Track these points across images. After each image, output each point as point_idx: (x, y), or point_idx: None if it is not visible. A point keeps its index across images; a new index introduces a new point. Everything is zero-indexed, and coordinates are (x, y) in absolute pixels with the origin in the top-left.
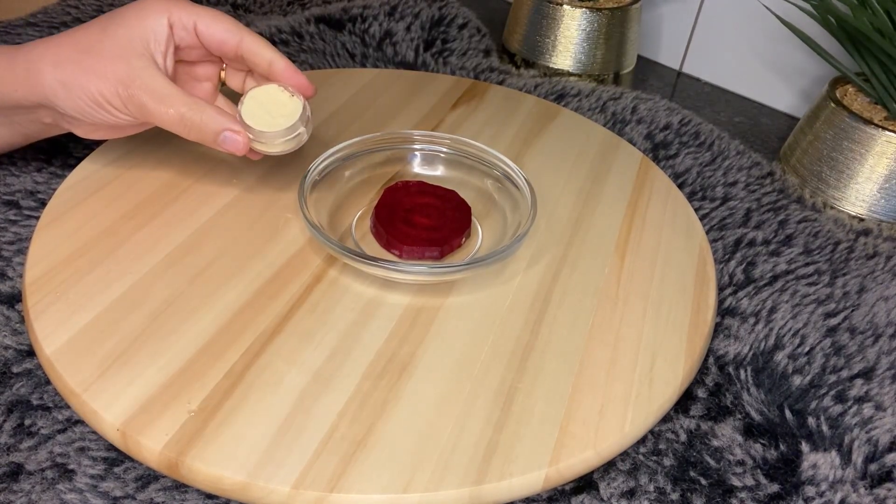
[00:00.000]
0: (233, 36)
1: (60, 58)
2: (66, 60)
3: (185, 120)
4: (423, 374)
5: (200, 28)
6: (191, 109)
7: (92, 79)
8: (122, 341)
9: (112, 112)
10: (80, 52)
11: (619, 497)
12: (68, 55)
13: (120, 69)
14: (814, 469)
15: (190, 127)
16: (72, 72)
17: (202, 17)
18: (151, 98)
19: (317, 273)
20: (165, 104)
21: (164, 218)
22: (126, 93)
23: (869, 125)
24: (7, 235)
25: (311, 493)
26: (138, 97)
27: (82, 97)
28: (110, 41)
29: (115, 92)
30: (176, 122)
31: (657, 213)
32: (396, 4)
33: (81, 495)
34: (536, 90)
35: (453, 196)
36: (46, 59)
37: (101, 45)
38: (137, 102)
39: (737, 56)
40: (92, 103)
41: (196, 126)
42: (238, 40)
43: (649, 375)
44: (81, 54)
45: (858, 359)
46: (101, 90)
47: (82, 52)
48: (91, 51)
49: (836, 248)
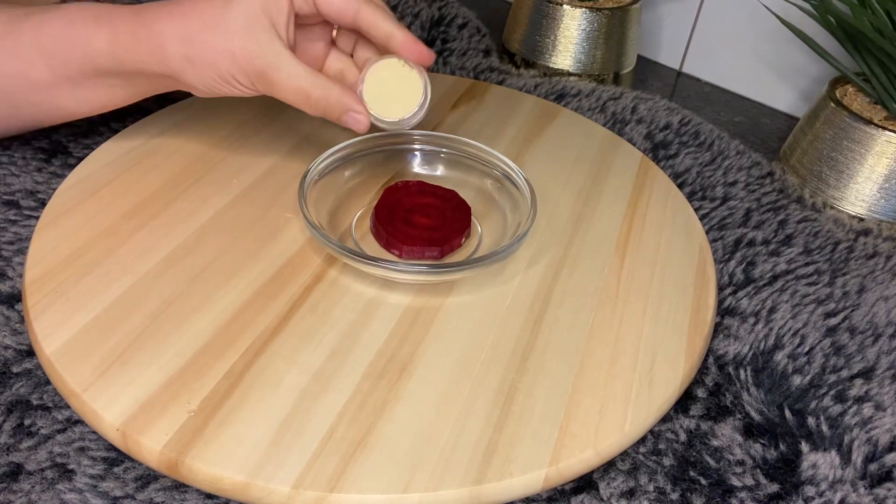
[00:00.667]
0: (350, 7)
1: (187, 33)
2: (193, 37)
3: (311, 99)
4: (423, 374)
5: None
6: (317, 88)
7: (220, 57)
8: (122, 341)
9: (238, 87)
10: (205, 27)
11: (619, 497)
12: (194, 31)
13: (248, 47)
14: (814, 469)
15: (315, 105)
16: (199, 49)
17: None
18: (278, 76)
19: (317, 273)
20: (293, 82)
21: (164, 218)
22: (254, 71)
23: (869, 125)
24: (7, 235)
25: (310, 493)
26: (266, 75)
27: (210, 73)
28: (235, 15)
29: (243, 70)
30: (302, 101)
31: (657, 213)
32: (396, 4)
33: (81, 495)
34: (536, 90)
35: (453, 196)
36: (172, 35)
37: (226, 20)
38: (265, 80)
39: (737, 56)
40: (219, 79)
41: (321, 105)
42: (355, 11)
43: (649, 375)
44: (207, 30)
45: (858, 359)
46: (230, 68)
47: (208, 27)
48: (217, 27)
49: (835, 248)
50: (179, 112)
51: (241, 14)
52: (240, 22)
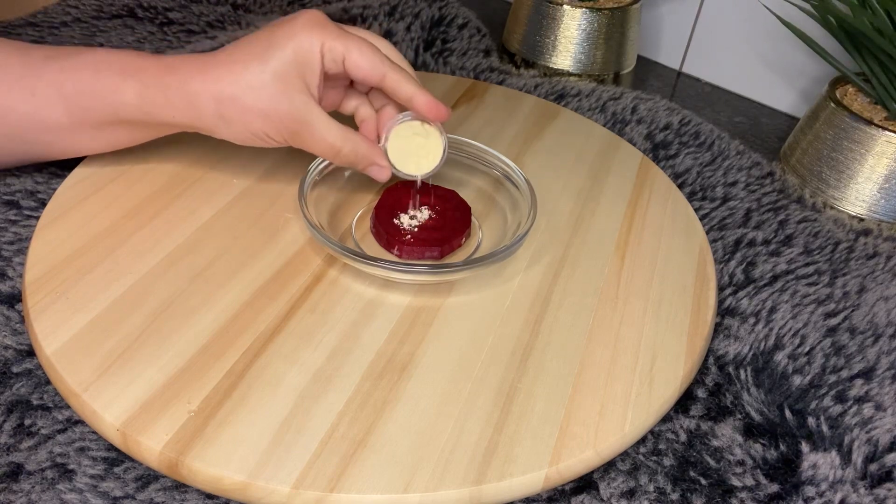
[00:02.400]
0: (377, 72)
1: (221, 94)
2: (229, 97)
3: (341, 154)
4: (423, 375)
5: (348, 63)
6: (347, 143)
7: (256, 118)
8: (122, 341)
9: (269, 141)
10: (242, 89)
11: (619, 497)
12: (229, 93)
13: (282, 108)
14: (814, 469)
15: (343, 158)
16: (234, 110)
17: (351, 50)
18: (311, 134)
19: (317, 273)
20: (325, 139)
21: (164, 218)
22: (287, 130)
23: (869, 125)
24: (7, 235)
25: (311, 493)
26: (299, 134)
27: (244, 132)
28: (270, 78)
29: (277, 129)
30: (332, 155)
31: (657, 213)
32: (396, 4)
33: (81, 495)
34: (536, 90)
35: (453, 196)
36: (207, 94)
37: (262, 82)
38: (298, 137)
39: (737, 56)
40: (252, 136)
41: (350, 159)
42: (382, 76)
43: (649, 375)
44: (243, 92)
45: (858, 359)
46: (264, 127)
47: (244, 89)
48: (253, 89)
49: (836, 248)
50: None
51: (276, 76)
52: (275, 85)
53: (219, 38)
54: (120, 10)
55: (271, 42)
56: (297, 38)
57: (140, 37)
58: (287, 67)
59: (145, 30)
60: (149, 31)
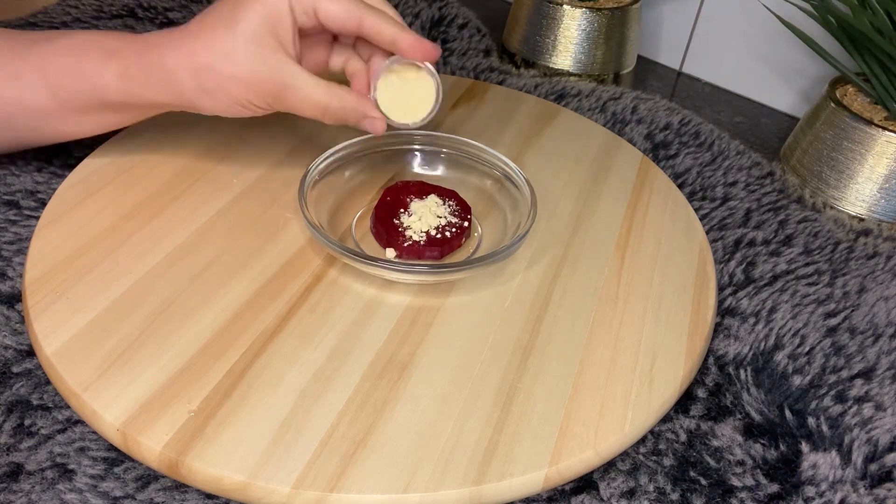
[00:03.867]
0: (353, 17)
1: (198, 66)
2: (205, 68)
3: (329, 110)
4: (423, 375)
5: (320, 13)
6: (334, 99)
7: (233, 85)
8: (123, 341)
9: (254, 109)
10: (216, 57)
11: (619, 497)
12: (205, 63)
13: (260, 70)
14: (814, 469)
15: (333, 115)
16: (213, 80)
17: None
18: (294, 94)
19: (317, 273)
20: (310, 98)
21: (164, 218)
22: (269, 93)
23: (869, 125)
24: (7, 235)
25: (311, 493)
26: (282, 95)
27: (226, 101)
28: (242, 41)
29: (258, 94)
30: (320, 113)
31: (657, 213)
32: (396, 4)
33: (81, 495)
34: (536, 90)
35: (453, 196)
36: (184, 68)
37: (234, 48)
38: (281, 99)
39: (737, 56)
40: (236, 104)
41: (339, 115)
42: (358, 20)
43: (649, 375)
44: (218, 61)
45: (858, 359)
46: (245, 94)
47: (218, 57)
48: (227, 56)
49: (836, 248)
50: (179, 112)
51: (248, 39)
52: (249, 48)
53: None
54: (120, 10)
55: (237, 4)
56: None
57: None
58: (257, 28)
59: (145, 30)
60: (148, 32)
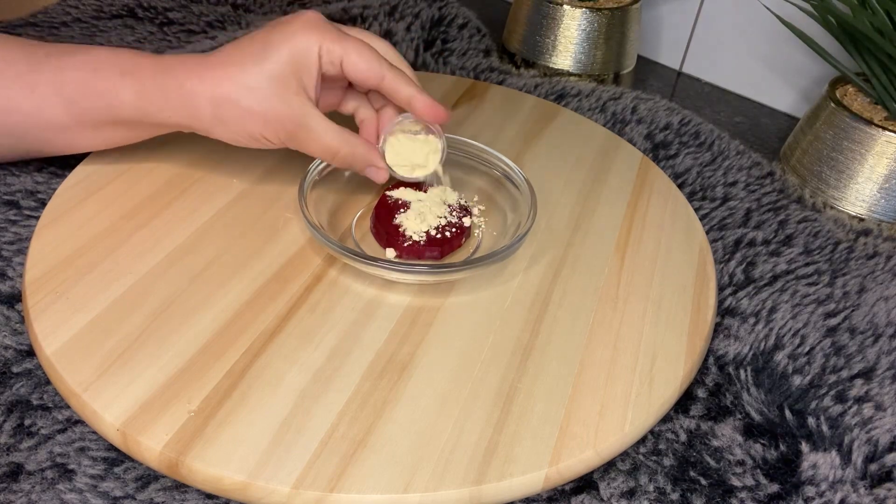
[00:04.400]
0: (375, 74)
1: (219, 95)
2: (226, 99)
3: (339, 155)
4: (423, 375)
5: (346, 65)
6: (344, 145)
7: (252, 121)
8: (123, 341)
9: (265, 143)
10: (239, 90)
11: (619, 497)
12: (227, 93)
13: (279, 109)
14: (814, 469)
15: (342, 160)
16: (231, 112)
17: (349, 52)
18: (308, 136)
19: (317, 273)
20: (322, 141)
21: (164, 218)
22: (284, 131)
23: (869, 125)
24: (7, 235)
25: (311, 493)
26: (296, 135)
27: (241, 134)
28: (266, 79)
29: (274, 131)
30: (329, 156)
31: (657, 213)
32: (396, 4)
33: (81, 495)
34: (536, 90)
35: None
36: (204, 95)
37: (259, 84)
38: (295, 139)
39: (737, 56)
40: (250, 139)
41: (348, 160)
42: (380, 78)
43: (649, 375)
44: (241, 93)
45: (858, 359)
46: (261, 129)
47: (242, 90)
48: (251, 91)
49: (836, 248)
50: None
51: (274, 78)
52: (273, 86)
53: (219, 38)
54: (120, 10)
55: (268, 43)
56: (294, 40)
57: (140, 37)
58: (284, 69)
59: (145, 30)
60: (149, 31)
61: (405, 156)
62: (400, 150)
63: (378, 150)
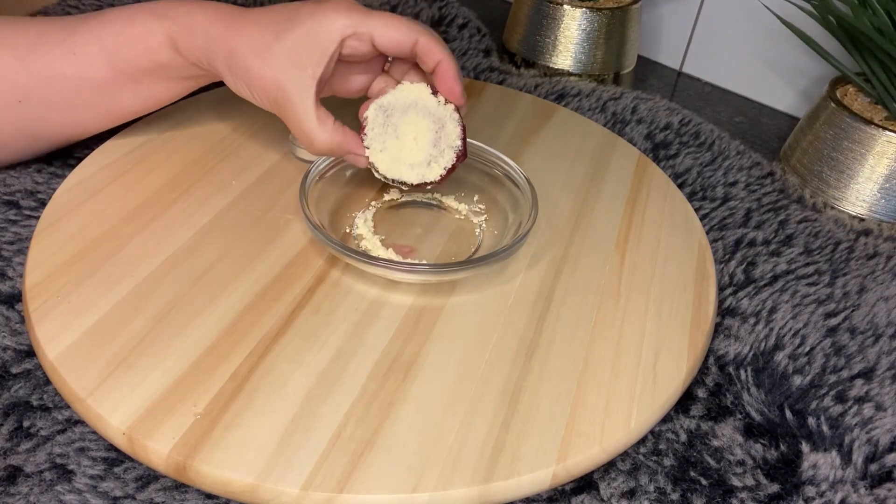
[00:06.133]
0: (409, 38)
1: (233, 50)
2: (238, 54)
3: (314, 145)
4: (428, 374)
5: (378, 37)
6: (321, 134)
7: (253, 78)
8: (126, 345)
9: (259, 104)
10: (250, 49)
11: (620, 497)
12: (240, 49)
13: (279, 77)
14: (814, 469)
15: (317, 149)
16: (238, 66)
17: (377, 26)
18: (293, 114)
19: (319, 274)
20: (301, 123)
21: (164, 220)
22: (274, 100)
23: (869, 125)
24: (7, 235)
25: (320, 495)
26: (283, 108)
27: (242, 86)
28: (279, 48)
29: (268, 95)
30: (307, 144)
31: (656, 210)
32: (396, 4)
33: (81, 496)
34: (536, 90)
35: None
36: (222, 45)
37: (270, 50)
38: (281, 110)
39: (737, 56)
40: (248, 93)
41: (322, 150)
42: (413, 41)
43: (653, 372)
44: (251, 53)
45: (859, 359)
46: (258, 89)
47: (252, 50)
48: (260, 52)
49: (836, 248)
50: (179, 113)
51: (285, 49)
52: (280, 57)
53: None
54: None
55: (294, 17)
56: (317, 18)
57: None
58: (297, 42)
59: None
60: None
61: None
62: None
63: (357, 139)
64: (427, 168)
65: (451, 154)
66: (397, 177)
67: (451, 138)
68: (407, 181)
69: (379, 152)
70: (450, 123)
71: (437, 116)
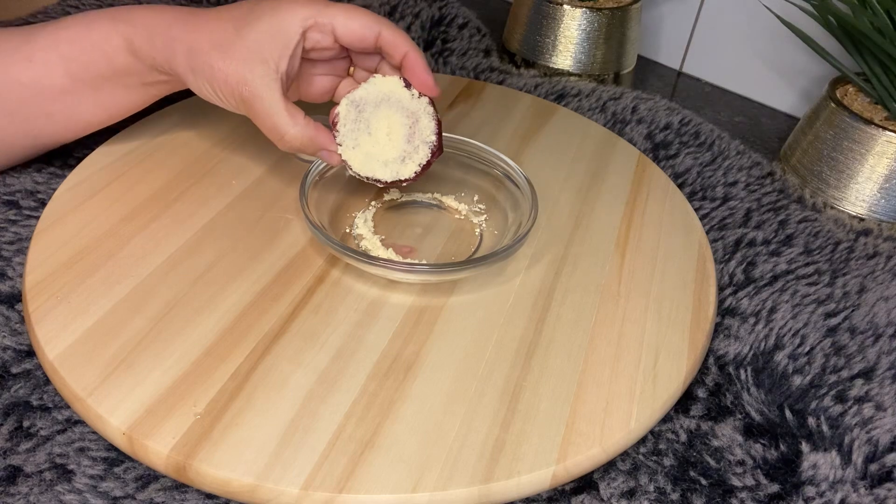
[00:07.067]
0: (370, 31)
1: (194, 48)
2: (199, 51)
3: (284, 139)
4: (428, 374)
5: (338, 29)
6: (291, 128)
7: (216, 76)
8: (126, 345)
9: (226, 104)
10: (212, 46)
11: (619, 497)
12: (201, 47)
13: (242, 73)
14: (814, 469)
15: (288, 146)
16: (200, 64)
17: (337, 17)
18: (260, 109)
19: (319, 274)
20: (270, 118)
21: (164, 220)
22: (240, 97)
23: (869, 125)
24: (7, 235)
25: (320, 495)
26: (249, 103)
27: (206, 87)
28: (241, 43)
29: (232, 93)
30: (276, 138)
31: (656, 210)
32: (396, 4)
33: (81, 496)
34: (536, 90)
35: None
36: (182, 45)
37: (232, 45)
38: (248, 107)
39: (737, 56)
40: (212, 93)
41: (293, 146)
42: (376, 34)
43: (653, 372)
44: (213, 49)
45: (858, 359)
46: (222, 87)
47: (214, 47)
48: (221, 48)
49: (836, 248)
50: (178, 113)
51: (246, 44)
52: (242, 52)
53: None
54: None
55: (254, 9)
56: (278, 11)
57: None
58: (259, 37)
59: None
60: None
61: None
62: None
63: (329, 135)
64: (401, 165)
65: (426, 150)
66: (371, 174)
67: (426, 133)
68: (381, 179)
69: (351, 149)
70: (424, 118)
71: (410, 111)
